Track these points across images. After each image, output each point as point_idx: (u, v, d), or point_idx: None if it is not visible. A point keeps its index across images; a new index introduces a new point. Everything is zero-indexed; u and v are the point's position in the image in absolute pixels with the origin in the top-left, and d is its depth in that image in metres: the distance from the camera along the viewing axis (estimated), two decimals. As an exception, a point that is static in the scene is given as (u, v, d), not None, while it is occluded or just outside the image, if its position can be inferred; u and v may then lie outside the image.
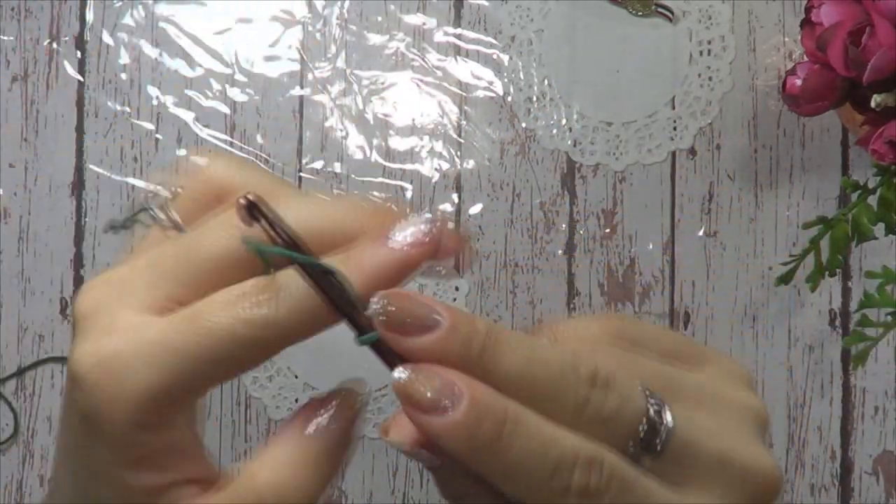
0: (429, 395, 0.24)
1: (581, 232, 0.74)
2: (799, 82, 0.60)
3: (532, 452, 0.24)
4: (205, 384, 0.26)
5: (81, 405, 0.26)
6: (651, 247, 0.73)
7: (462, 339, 0.25)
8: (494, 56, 0.74)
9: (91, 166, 0.73)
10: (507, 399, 0.25)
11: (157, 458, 0.27)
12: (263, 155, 0.74)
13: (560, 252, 0.74)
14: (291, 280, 0.26)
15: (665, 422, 0.26)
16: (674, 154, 0.74)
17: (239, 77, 0.74)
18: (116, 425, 0.25)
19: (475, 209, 0.73)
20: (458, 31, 0.74)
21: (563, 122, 0.74)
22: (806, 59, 0.61)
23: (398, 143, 0.74)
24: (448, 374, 0.24)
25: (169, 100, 0.74)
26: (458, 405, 0.24)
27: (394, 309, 0.25)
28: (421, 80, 0.74)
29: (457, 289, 0.73)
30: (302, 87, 0.74)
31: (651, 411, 0.26)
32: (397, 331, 0.25)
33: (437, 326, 0.25)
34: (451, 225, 0.27)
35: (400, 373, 0.24)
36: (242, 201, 0.25)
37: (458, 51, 0.74)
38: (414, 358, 0.25)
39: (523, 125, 0.74)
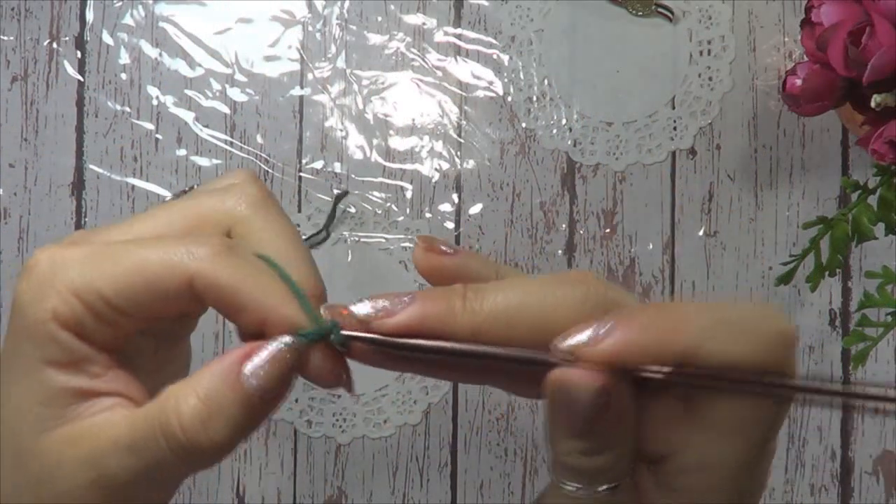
0: (590, 331, 0.26)
1: (581, 232, 0.73)
2: (799, 82, 0.60)
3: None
4: (128, 307, 0.27)
5: (17, 292, 0.28)
6: (651, 247, 0.73)
7: (441, 296, 0.27)
8: (494, 56, 0.74)
9: (91, 166, 0.73)
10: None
11: (77, 364, 0.27)
12: (263, 155, 0.74)
13: (560, 252, 0.74)
14: (252, 256, 0.28)
15: None
16: (674, 154, 0.74)
17: (239, 77, 0.74)
18: (38, 311, 0.27)
19: (475, 209, 0.73)
20: (458, 31, 0.74)
21: (563, 122, 0.74)
22: (806, 59, 0.61)
23: (398, 143, 0.74)
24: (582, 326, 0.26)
25: (169, 100, 0.74)
26: (615, 323, 0.26)
27: (376, 302, 0.27)
28: (421, 80, 0.74)
29: (457, 289, 0.73)
30: (302, 87, 0.74)
31: None
32: (382, 316, 0.27)
33: (413, 298, 0.27)
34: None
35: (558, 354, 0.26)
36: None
37: (458, 51, 0.74)
38: (412, 331, 0.27)
39: (523, 125, 0.74)
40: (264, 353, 0.27)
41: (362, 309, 0.27)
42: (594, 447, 0.27)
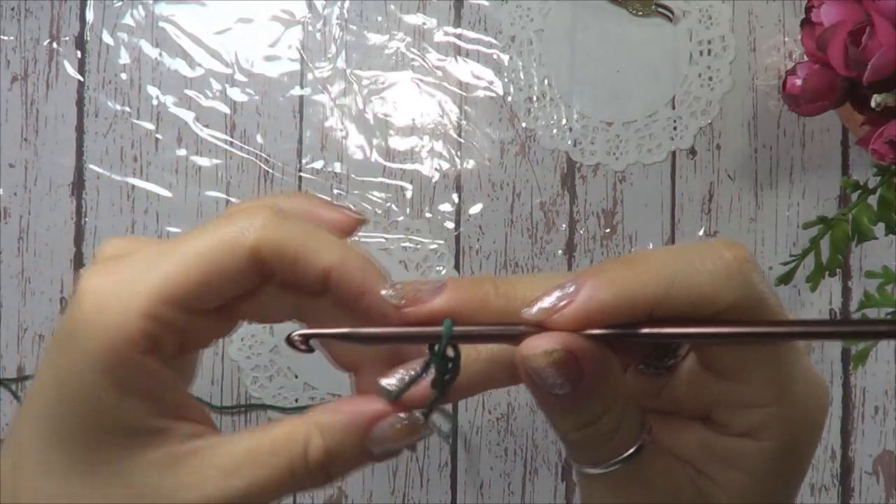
0: (554, 296, 0.26)
1: (581, 232, 0.73)
2: (799, 82, 0.60)
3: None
4: (200, 302, 0.27)
5: (73, 323, 0.26)
6: (651, 247, 0.73)
7: (473, 284, 0.27)
8: (494, 56, 0.74)
9: (91, 166, 0.73)
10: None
11: (155, 389, 0.27)
12: (263, 155, 0.74)
13: (560, 252, 0.74)
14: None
15: None
16: (674, 154, 0.74)
17: (239, 77, 0.74)
18: (110, 340, 0.26)
19: (475, 209, 0.73)
20: (458, 31, 0.74)
21: (563, 122, 0.74)
22: (806, 59, 0.61)
23: (398, 143, 0.74)
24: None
25: (169, 100, 0.74)
26: (578, 285, 0.26)
27: (402, 288, 0.27)
28: (421, 80, 0.74)
29: (457, 289, 0.73)
30: (302, 87, 0.74)
31: None
32: (415, 303, 0.27)
33: (444, 285, 0.27)
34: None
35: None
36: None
37: (458, 51, 0.74)
38: (440, 316, 0.27)
39: (523, 125, 0.74)
40: (395, 425, 0.28)
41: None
42: (585, 418, 0.27)
